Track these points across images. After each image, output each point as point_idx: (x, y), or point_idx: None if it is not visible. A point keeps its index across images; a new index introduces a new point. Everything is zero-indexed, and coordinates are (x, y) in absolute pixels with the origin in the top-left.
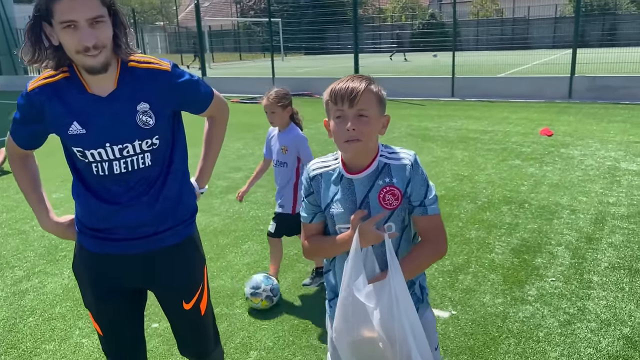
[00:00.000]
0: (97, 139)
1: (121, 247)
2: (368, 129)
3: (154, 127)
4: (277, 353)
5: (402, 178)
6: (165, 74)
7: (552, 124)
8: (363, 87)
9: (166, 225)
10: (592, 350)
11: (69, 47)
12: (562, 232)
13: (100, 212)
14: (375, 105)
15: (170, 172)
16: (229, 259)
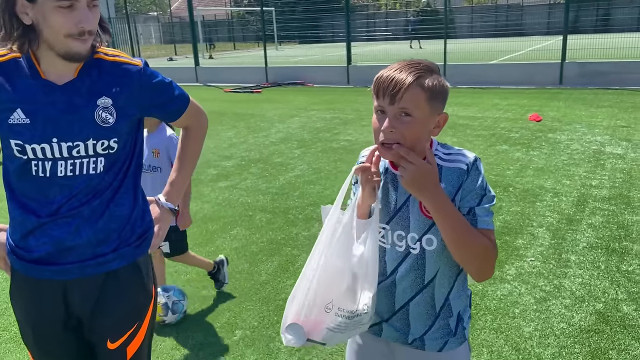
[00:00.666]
0: (42, 132)
1: (54, 272)
2: (410, 131)
3: (114, 126)
4: (261, 332)
5: (452, 183)
6: (136, 71)
7: (541, 110)
8: (409, 81)
9: (108, 248)
10: (565, 325)
11: (59, 28)
12: (544, 214)
13: (29, 225)
14: (425, 103)
15: (123, 186)
16: (218, 244)
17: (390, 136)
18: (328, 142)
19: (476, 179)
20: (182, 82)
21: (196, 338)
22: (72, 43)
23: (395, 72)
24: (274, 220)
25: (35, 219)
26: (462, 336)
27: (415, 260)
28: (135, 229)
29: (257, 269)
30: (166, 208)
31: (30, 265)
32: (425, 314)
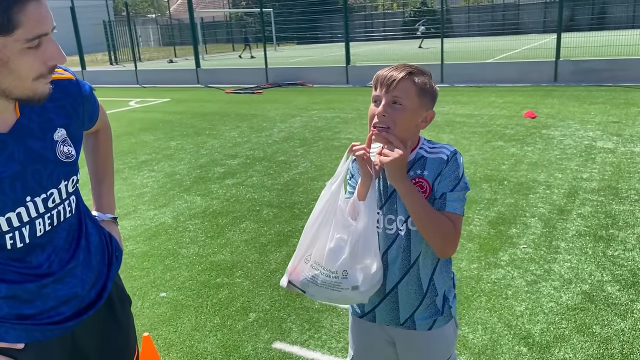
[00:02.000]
0: (13, 196)
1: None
2: (400, 117)
3: (76, 158)
4: (273, 314)
5: (433, 171)
6: (74, 85)
7: (536, 107)
8: (402, 76)
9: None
10: (554, 304)
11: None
12: (536, 205)
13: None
14: (415, 96)
15: (82, 215)
16: (228, 237)
17: (383, 120)
18: (329, 141)
19: (452, 169)
20: (183, 83)
21: (213, 320)
22: (40, 85)
23: (393, 70)
24: (281, 214)
25: (33, 286)
26: (448, 314)
27: (402, 241)
28: (109, 250)
29: (267, 259)
30: (110, 220)
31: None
32: (413, 293)
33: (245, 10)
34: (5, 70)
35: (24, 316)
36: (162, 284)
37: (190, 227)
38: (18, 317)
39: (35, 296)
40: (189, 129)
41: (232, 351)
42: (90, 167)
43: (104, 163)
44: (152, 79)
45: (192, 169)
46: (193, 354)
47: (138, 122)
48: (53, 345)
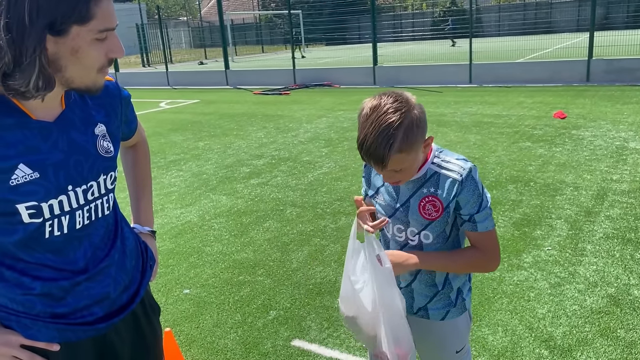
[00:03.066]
0: (57, 183)
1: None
2: (406, 175)
3: (114, 155)
4: (293, 312)
5: (448, 192)
6: (113, 86)
7: (566, 107)
8: (388, 154)
9: (135, 285)
10: (577, 307)
11: (90, 63)
12: (563, 207)
13: (58, 292)
14: (408, 156)
15: (119, 219)
16: (252, 235)
17: (393, 181)
18: (354, 141)
19: (472, 189)
20: (213, 85)
21: (235, 317)
22: (99, 77)
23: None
24: (304, 214)
25: (67, 283)
26: (462, 307)
27: (414, 249)
28: (144, 257)
29: (289, 258)
30: (147, 233)
31: (69, 328)
32: (427, 289)
33: (275, 12)
34: (73, 58)
35: (57, 315)
36: (186, 281)
37: (215, 226)
38: (52, 315)
39: (69, 294)
40: (217, 129)
41: (252, 348)
42: (130, 182)
43: (143, 178)
44: (183, 81)
45: (218, 169)
46: (213, 350)
47: (168, 123)
48: (84, 346)
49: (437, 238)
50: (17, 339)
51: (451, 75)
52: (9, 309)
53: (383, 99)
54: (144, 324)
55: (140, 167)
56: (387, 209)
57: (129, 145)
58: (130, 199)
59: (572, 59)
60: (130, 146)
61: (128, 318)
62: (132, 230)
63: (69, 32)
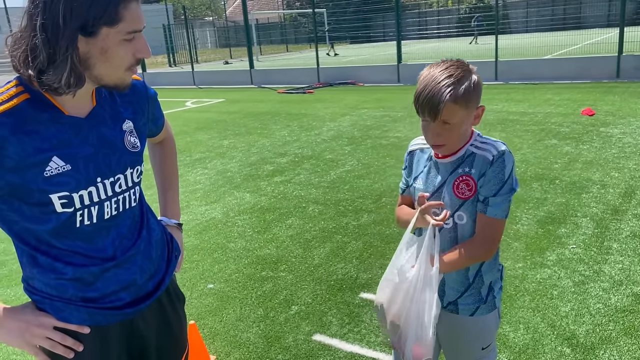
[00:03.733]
0: (87, 175)
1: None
2: (453, 134)
3: (141, 150)
4: (315, 307)
5: (479, 169)
6: (142, 85)
7: (595, 104)
8: (445, 100)
9: (160, 275)
10: (601, 306)
11: (119, 62)
12: (589, 205)
13: (89, 277)
14: (460, 111)
15: (145, 211)
16: (274, 232)
17: (438, 141)
18: (377, 139)
19: (497, 171)
20: (238, 84)
21: (257, 312)
22: (126, 76)
23: (430, 91)
24: (326, 211)
25: (97, 269)
26: (492, 304)
27: (449, 233)
28: (169, 248)
29: (311, 254)
30: (174, 225)
31: (98, 311)
32: (459, 282)
33: (299, 11)
34: (103, 57)
35: (87, 299)
36: (210, 276)
37: (238, 223)
38: (83, 299)
39: (98, 279)
40: (241, 128)
41: (274, 341)
42: (157, 176)
43: (170, 173)
44: (208, 80)
45: (242, 167)
46: (236, 343)
47: (193, 122)
48: (113, 330)
49: (470, 218)
50: (51, 321)
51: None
52: (44, 293)
53: (447, 62)
54: (169, 311)
55: (167, 162)
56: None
57: (157, 141)
58: (158, 193)
59: (601, 55)
60: (157, 142)
61: (154, 305)
62: (159, 222)
63: (99, 33)
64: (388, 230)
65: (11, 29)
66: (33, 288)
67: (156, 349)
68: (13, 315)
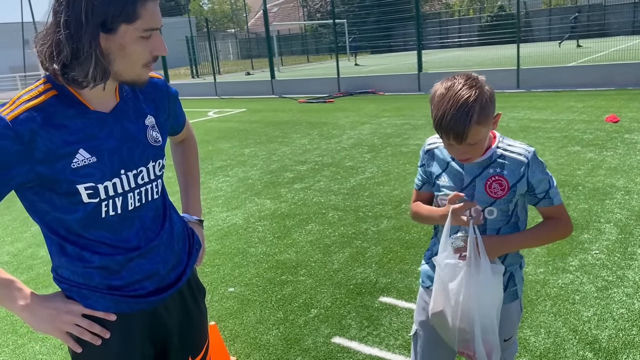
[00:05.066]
0: (111, 167)
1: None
2: (478, 149)
3: (162, 144)
4: (334, 311)
5: (514, 173)
6: (162, 83)
7: (619, 111)
8: (469, 125)
9: (182, 267)
10: (625, 311)
11: (136, 58)
12: (612, 211)
13: (114, 266)
14: (483, 129)
15: (167, 205)
16: (294, 237)
17: (465, 157)
18: (397, 147)
19: (540, 169)
20: (259, 94)
21: (277, 315)
22: (144, 72)
23: (452, 118)
24: (345, 217)
25: (122, 258)
26: (514, 293)
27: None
28: (190, 241)
29: (330, 259)
30: (196, 221)
31: (123, 299)
32: None
33: (320, 22)
34: (121, 54)
35: (113, 287)
36: (231, 279)
37: (259, 228)
38: (108, 287)
39: (123, 268)
40: (262, 137)
41: (293, 344)
42: (179, 175)
43: (191, 171)
44: (230, 91)
45: (263, 174)
46: (256, 345)
47: (215, 131)
48: (137, 318)
49: (500, 213)
50: (79, 309)
51: (498, 80)
52: (71, 281)
53: (456, 79)
54: (190, 302)
55: (188, 160)
56: (451, 190)
57: (179, 140)
58: (180, 191)
59: (626, 61)
60: (179, 142)
61: (176, 296)
62: (181, 217)
63: (118, 30)
64: (408, 236)
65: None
66: (61, 277)
67: (178, 338)
68: (43, 302)
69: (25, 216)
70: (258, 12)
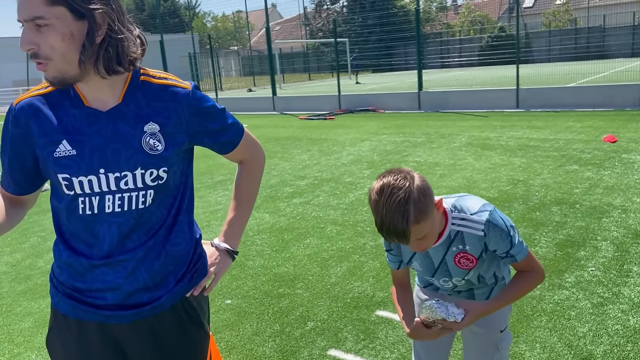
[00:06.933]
0: (89, 163)
1: (105, 316)
2: (431, 239)
3: (162, 154)
4: (330, 324)
5: (475, 246)
6: (185, 94)
7: (617, 131)
8: (407, 227)
9: (164, 291)
10: (620, 327)
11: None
12: (609, 229)
13: (79, 268)
14: (426, 225)
15: (177, 224)
16: (292, 251)
17: (420, 249)
18: (397, 164)
19: (498, 235)
20: (260, 110)
21: (273, 327)
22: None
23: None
24: (344, 232)
25: (86, 262)
26: (503, 286)
27: (463, 288)
28: (190, 267)
29: (328, 273)
30: (224, 250)
31: (80, 306)
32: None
33: (322, 41)
34: None
35: (76, 289)
36: (228, 292)
37: (257, 241)
38: (73, 288)
39: (87, 272)
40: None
41: (289, 356)
42: (233, 196)
43: (241, 194)
44: (232, 107)
45: (262, 189)
46: (252, 357)
47: None
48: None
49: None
50: None
51: (497, 100)
52: (53, 274)
53: (384, 180)
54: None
55: (239, 185)
56: (426, 271)
57: (235, 161)
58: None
59: (625, 83)
60: (238, 162)
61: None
62: (192, 240)
63: None
64: None
65: None
66: (52, 266)
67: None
68: None
69: (24, 227)
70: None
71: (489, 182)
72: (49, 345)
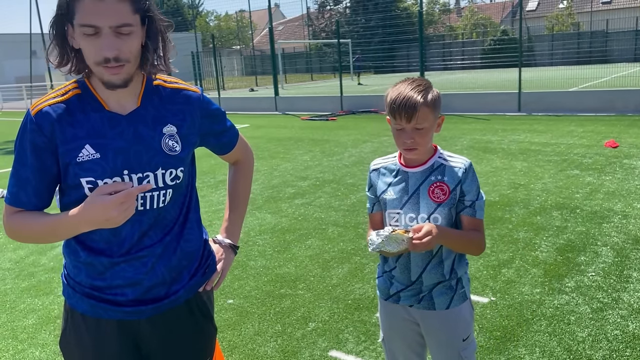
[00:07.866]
0: (113, 165)
1: (125, 312)
2: (425, 139)
3: (180, 155)
4: (332, 325)
5: (453, 178)
6: (196, 97)
7: (619, 137)
8: (420, 102)
9: (179, 286)
10: (619, 332)
11: (87, 55)
12: (609, 234)
13: (99, 267)
14: (431, 115)
15: (188, 221)
16: (294, 252)
17: (411, 144)
18: None
19: (473, 179)
20: (262, 110)
21: (275, 327)
22: (102, 71)
23: (405, 97)
24: (345, 233)
25: (106, 260)
26: (463, 295)
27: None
28: (201, 263)
29: (329, 274)
30: (227, 245)
31: (100, 304)
32: (435, 280)
33: (325, 42)
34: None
35: (95, 287)
36: (230, 292)
37: (259, 242)
38: (91, 287)
39: (107, 270)
40: (265, 152)
41: (290, 356)
42: (227, 196)
43: (237, 194)
44: (234, 107)
45: (264, 189)
46: (254, 356)
47: None
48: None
49: (444, 220)
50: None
51: (499, 104)
52: (68, 275)
53: (410, 79)
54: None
55: (236, 184)
56: (397, 202)
57: (230, 161)
58: (225, 211)
59: (627, 88)
60: (232, 163)
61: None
62: (202, 237)
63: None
64: None
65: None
66: (64, 267)
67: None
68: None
69: None
70: (264, 29)
71: (490, 186)
72: (63, 346)
